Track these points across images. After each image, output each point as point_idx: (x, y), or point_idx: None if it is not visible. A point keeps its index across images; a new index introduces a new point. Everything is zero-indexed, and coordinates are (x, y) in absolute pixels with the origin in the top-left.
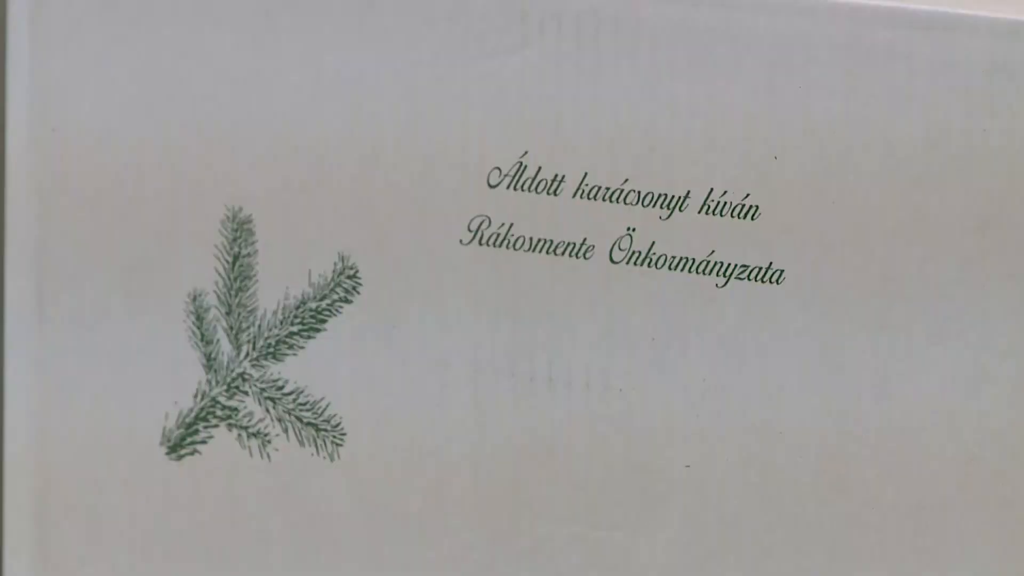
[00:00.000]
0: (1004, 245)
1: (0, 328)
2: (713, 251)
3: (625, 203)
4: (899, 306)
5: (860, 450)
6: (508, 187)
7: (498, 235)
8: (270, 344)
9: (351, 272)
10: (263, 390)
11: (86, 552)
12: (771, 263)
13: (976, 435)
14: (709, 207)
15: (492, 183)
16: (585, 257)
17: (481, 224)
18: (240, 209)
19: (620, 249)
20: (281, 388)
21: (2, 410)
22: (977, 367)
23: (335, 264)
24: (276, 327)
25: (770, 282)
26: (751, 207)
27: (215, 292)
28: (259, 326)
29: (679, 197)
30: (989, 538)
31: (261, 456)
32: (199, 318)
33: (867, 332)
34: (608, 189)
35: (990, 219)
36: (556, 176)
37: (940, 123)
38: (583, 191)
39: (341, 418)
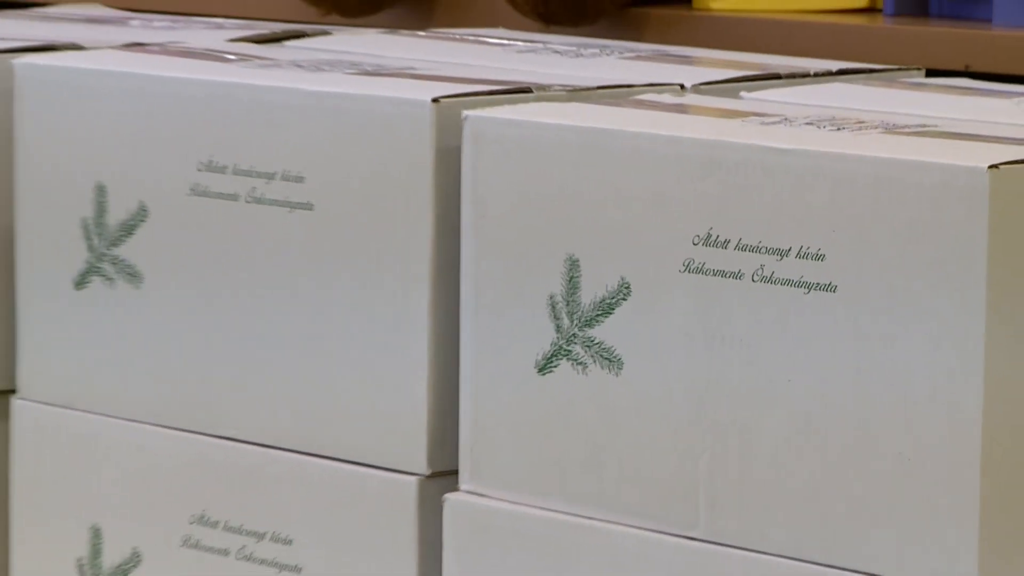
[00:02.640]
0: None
1: (456, 313)
2: (802, 275)
3: (759, 252)
4: (896, 305)
5: (879, 394)
6: (700, 245)
7: (698, 268)
8: (588, 320)
9: (626, 286)
10: (584, 342)
11: (503, 436)
12: (831, 281)
13: (951, 390)
14: (800, 254)
15: (694, 243)
16: (739, 279)
17: (688, 263)
18: (573, 253)
19: (756, 275)
20: (593, 340)
21: (458, 360)
22: (944, 349)
23: (619, 282)
24: (590, 312)
25: (829, 291)
26: (821, 254)
27: (560, 295)
28: (582, 311)
29: (785, 250)
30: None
31: (583, 374)
32: (552, 308)
33: (879, 319)
34: (750, 246)
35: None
36: (726, 240)
37: (919, 223)
38: (739, 246)
39: (621, 355)
